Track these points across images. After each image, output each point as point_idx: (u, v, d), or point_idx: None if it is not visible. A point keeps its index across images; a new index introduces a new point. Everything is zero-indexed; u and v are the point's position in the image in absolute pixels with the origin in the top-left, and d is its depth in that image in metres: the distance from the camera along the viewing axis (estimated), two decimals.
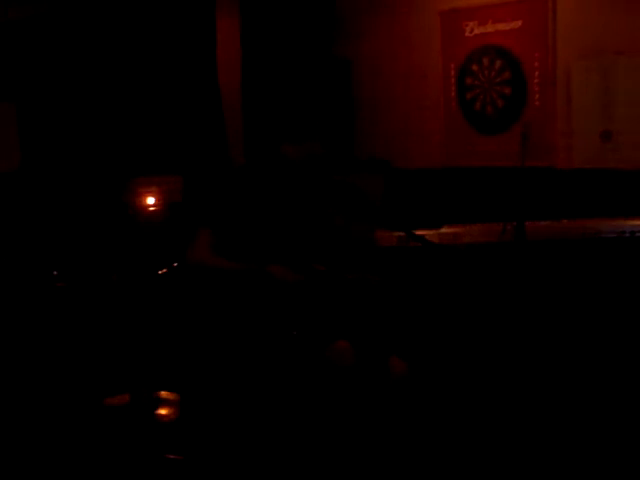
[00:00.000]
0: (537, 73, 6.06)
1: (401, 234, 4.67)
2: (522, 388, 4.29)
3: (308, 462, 3.30)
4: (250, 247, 3.43)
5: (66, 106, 6.71)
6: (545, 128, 6.01)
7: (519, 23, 6.10)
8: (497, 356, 4.56)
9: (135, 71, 6.75)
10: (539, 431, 3.93)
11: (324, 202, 3.62)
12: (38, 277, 5.39)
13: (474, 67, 6.45)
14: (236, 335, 3.47)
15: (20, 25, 6.57)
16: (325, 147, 3.56)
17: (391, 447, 3.37)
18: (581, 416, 4.05)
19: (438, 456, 3.68)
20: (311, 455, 3.30)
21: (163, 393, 4.48)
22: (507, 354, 4.55)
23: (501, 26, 6.20)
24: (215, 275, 3.45)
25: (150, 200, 5.65)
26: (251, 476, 3.40)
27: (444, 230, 5.10)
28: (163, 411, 4.34)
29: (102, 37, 6.68)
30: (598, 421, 3.98)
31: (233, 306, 3.47)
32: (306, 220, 3.55)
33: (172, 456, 3.73)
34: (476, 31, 6.37)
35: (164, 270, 4.99)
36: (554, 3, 5.91)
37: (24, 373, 4.76)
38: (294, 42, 7.09)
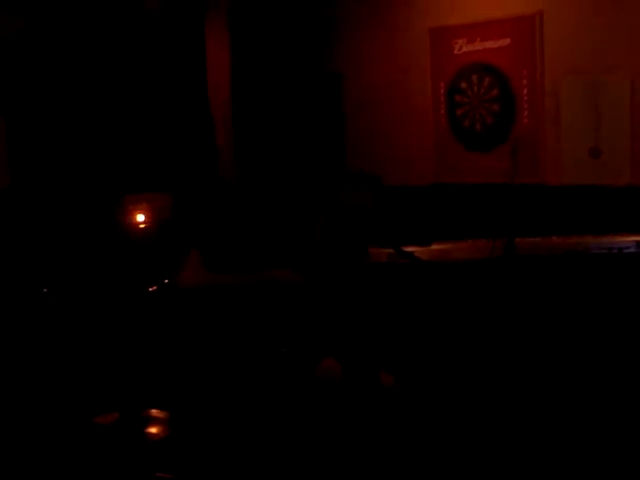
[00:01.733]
0: (526, 90, 6.10)
1: (390, 251, 4.67)
2: (510, 402, 4.29)
3: (298, 475, 3.30)
4: (242, 261, 3.43)
5: (56, 122, 6.71)
6: (534, 145, 6.04)
7: (507, 41, 6.14)
8: (486, 371, 4.57)
9: (125, 88, 6.75)
10: (523, 442, 3.94)
11: (315, 218, 3.62)
12: (28, 294, 5.37)
13: (463, 84, 6.48)
14: (226, 353, 3.47)
15: (9, 40, 6.57)
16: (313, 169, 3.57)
17: (380, 460, 3.37)
18: (565, 433, 4.06)
19: (427, 466, 3.68)
20: (302, 471, 3.30)
21: (153, 411, 4.47)
22: (496, 369, 4.55)
23: (489, 44, 6.24)
24: (213, 293, 3.43)
25: (140, 217, 5.64)
26: None
27: (433, 247, 5.11)
28: (153, 429, 4.33)
29: (92, 53, 6.69)
30: (583, 443, 3.99)
31: (223, 324, 3.46)
32: (296, 235, 3.55)
33: (162, 474, 3.71)
34: (465, 49, 6.41)
35: (154, 287, 4.98)
36: (542, 21, 5.95)
37: (13, 391, 4.74)
38: (284, 57, 7.12)
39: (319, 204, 3.62)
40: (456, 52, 6.46)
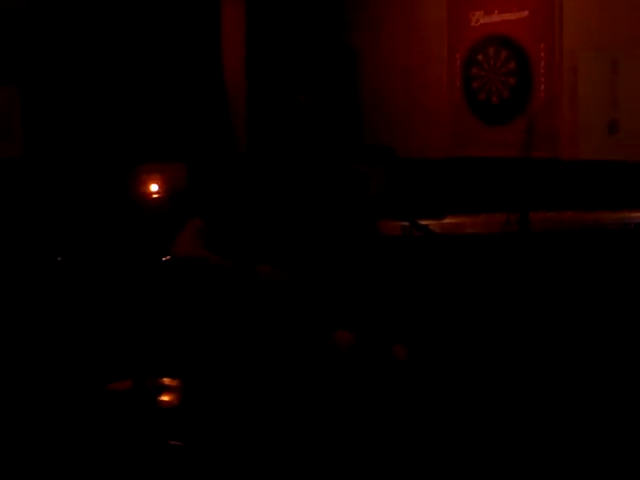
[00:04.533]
0: (543, 63, 6.04)
1: (405, 223, 4.66)
2: (524, 378, 4.29)
3: (309, 448, 3.31)
4: (244, 239, 3.42)
5: (70, 91, 6.70)
6: (550, 119, 6.00)
7: (525, 13, 6.08)
8: (499, 346, 4.57)
9: (140, 57, 6.73)
10: (538, 417, 3.94)
11: (328, 190, 3.61)
12: (42, 263, 5.39)
13: (479, 57, 6.43)
14: (238, 322, 3.48)
15: (24, 9, 6.55)
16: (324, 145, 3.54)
17: (392, 435, 3.38)
18: (582, 402, 4.06)
19: (438, 443, 3.69)
20: (313, 441, 3.31)
21: (165, 379, 4.48)
22: (509, 345, 4.55)
23: (507, 16, 6.19)
24: (202, 268, 3.43)
25: (154, 187, 5.65)
26: (253, 462, 3.41)
27: (447, 220, 5.09)
28: (165, 397, 4.34)
29: (107, 23, 6.66)
30: (599, 406, 3.99)
31: (231, 297, 3.47)
32: (310, 209, 3.54)
33: (174, 442, 3.73)
34: (482, 21, 6.35)
35: (168, 257, 4.99)
36: None
37: (27, 358, 4.77)
38: (299, 29, 7.08)
39: (333, 177, 3.60)
40: (473, 24, 6.41)
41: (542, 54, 6.03)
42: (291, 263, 3.42)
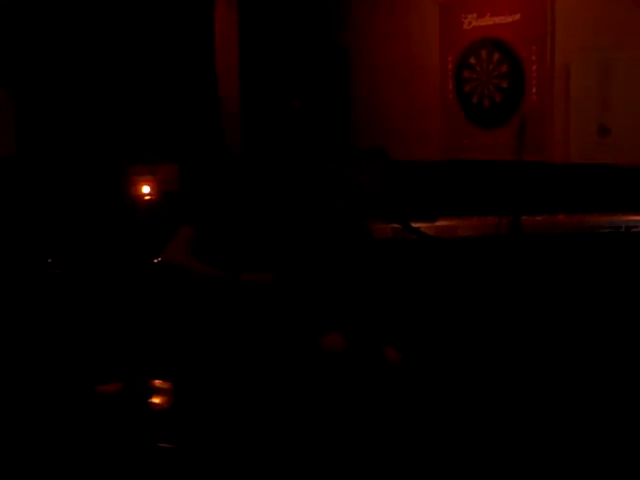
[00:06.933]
0: (535, 67, 6.05)
1: (397, 226, 4.66)
2: (516, 380, 4.30)
3: (302, 450, 3.31)
4: (235, 244, 3.41)
5: (63, 93, 6.69)
6: (542, 122, 6.01)
7: (517, 16, 6.09)
8: (492, 349, 4.57)
9: (132, 58, 6.73)
10: (532, 419, 3.95)
11: (320, 190, 3.61)
12: (33, 264, 5.38)
13: (472, 60, 6.44)
14: (229, 325, 3.47)
15: (16, 9, 6.54)
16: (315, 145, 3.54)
17: (385, 438, 3.38)
18: (576, 405, 4.07)
19: (433, 446, 3.69)
20: (305, 444, 3.31)
21: (156, 382, 4.48)
22: (501, 347, 4.56)
23: (499, 19, 6.19)
24: (185, 276, 3.43)
25: (146, 189, 5.64)
26: (245, 464, 3.41)
27: (440, 223, 5.10)
28: (156, 399, 4.34)
29: (100, 24, 6.65)
30: (593, 408, 4.00)
31: (218, 303, 3.46)
32: (302, 211, 3.54)
33: (165, 445, 3.73)
34: (474, 24, 6.36)
35: (159, 259, 4.98)
36: None
37: (17, 360, 4.76)
38: (292, 29, 7.08)
39: (324, 178, 3.59)
40: (465, 27, 6.41)
41: (534, 57, 6.05)
42: (282, 266, 3.42)
